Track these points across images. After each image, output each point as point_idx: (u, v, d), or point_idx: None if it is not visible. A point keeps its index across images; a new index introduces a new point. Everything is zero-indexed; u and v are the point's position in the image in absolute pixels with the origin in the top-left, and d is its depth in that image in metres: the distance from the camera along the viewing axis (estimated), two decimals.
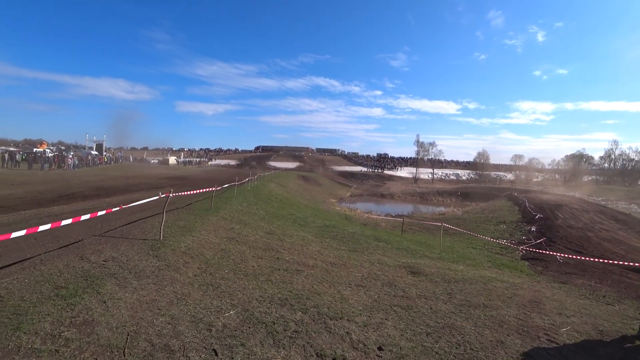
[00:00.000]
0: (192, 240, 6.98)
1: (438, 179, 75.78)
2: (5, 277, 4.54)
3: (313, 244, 9.03)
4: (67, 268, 4.97)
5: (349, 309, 4.97)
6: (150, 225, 8.09)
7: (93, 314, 3.62)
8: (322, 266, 7.01)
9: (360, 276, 6.86)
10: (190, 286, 4.82)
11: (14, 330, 3.20)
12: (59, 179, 22.12)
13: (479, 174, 79.23)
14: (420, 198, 50.06)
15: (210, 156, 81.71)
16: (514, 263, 13.79)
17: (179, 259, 5.81)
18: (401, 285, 6.64)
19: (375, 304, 5.42)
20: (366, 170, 75.63)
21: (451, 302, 6.01)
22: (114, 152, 59.69)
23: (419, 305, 5.62)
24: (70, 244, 6.28)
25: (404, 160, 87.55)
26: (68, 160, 35.03)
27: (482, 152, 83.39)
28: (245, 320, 4.03)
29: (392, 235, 14.76)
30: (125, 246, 6.25)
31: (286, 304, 4.68)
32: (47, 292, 4.10)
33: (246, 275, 5.64)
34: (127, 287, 4.41)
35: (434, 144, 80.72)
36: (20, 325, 3.30)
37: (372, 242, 10.87)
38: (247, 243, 7.84)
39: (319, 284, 5.88)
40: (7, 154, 33.36)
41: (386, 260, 8.68)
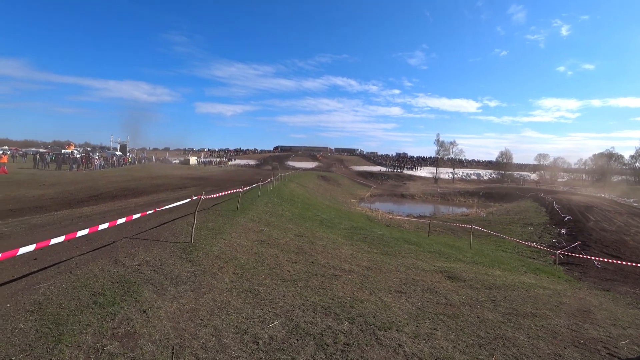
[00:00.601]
0: (224, 244, 6.79)
1: (459, 179, 74.19)
2: (42, 282, 4.44)
3: (344, 246, 8.75)
4: (102, 272, 4.84)
5: (394, 317, 4.67)
6: (180, 227, 7.97)
7: (134, 325, 3.42)
8: (358, 271, 6.72)
9: (398, 281, 6.54)
10: (229, 293, 4.60)
11: (56, 342, 3.03)
12: (86, 179, 22.60)
13: (501, 174, 76.99)
14: (441, 198, 49.08)
15: (230, 156, 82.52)
16: (549, 268, 13.16)
17: (213, 263, 5.62)
18: (442, 291, 6.29)
19: (420, 312, 5.09)
20: (385, 170, 74.69)
21: (497, 310, 5.63)
22: (137, 152, 60.98)
23: (465, 313, 5.27)
24: (103, 246, 6.20)
25: (423, 159, 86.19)
26: (94, 161, 35.88)
27: (505, 151, 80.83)
28: (291, 331, 3.76)
29: (419, 238, 14.32)
30: (158, 249, 6.11)
31: (330, 313, 4.40)
32: (85, 299, 3.95)
33: (284, 281, 5.39)
34: (165, 295, 4.22)
35: (455, 143, 78.81)
36: (61, 337, 3.13)
37: (403, 245, 10.51)
38: (279, 246, 7.61)
39: (358, 290, 5.59)
40: (38, 155, 34.48)
41: (421, 265, 8.32)
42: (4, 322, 3.41)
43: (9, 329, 3.28)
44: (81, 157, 36.35)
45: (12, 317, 3.50)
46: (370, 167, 76.67)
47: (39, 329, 3.28)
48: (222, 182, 25.13)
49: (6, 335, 3.17)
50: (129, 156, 51.12)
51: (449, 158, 78.14)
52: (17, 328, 3.30)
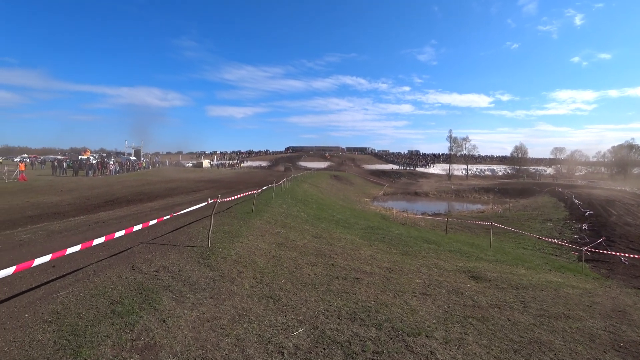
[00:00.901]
0: (242, 247, 6.65)
1: (472, 175, 73.01)
2: (60, 290, 4.35)
3: (363, 247, 8.52)
4: (120, 280, 4.74)
5: (422, 322, 4.44)
6: (196, 231, 7.87)
7: (154, 335, 3.28)
8: (379, 272, 6.49)
9: (421, 283, 6.29)
10: (250, 299, 4.43)
11: (74, 355, 2.91)
12: (102, 184, 22.86)
13: (516, 169, 75.24)
14: (455, 195, 48.27)
15: (242, 158, 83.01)
16: (574, 265, 12.70)
17: (232, 268, 5.47)
18: (468, 292, 6.02)
19: (448, 315, 4.85)
20: (398, 168, 74.02)
21: (528, 312, 5.34)
22: (150, 157, 61.73)
23: (494, 316, 5.00)
24: (120, 252, 6.12)
25: (436, 156, 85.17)
26: (110, 167, 36.39)
27: (520, 145, 78.77)
28: (317, 339, 3.57)
29: (437, 236, 13.99)
30: (175, 254, 6.00)
31: (356, 319, 4.19)
32: (103, 308, 3.83)
33: (304, 286, 5.21)
34: (184, 303, 4.08)
35: (468, 138, 77.34)
36: (80, 349, 3.01)
37: (422, 245, 10.23)
38: (297, 248, 7.43)
39: (382, 293, 5.37)
40: (55, 162, 35.15)
41: (443, 265, 8.05)
42: (22, 333, 3.31)
43: (27, 341, 3.18)
44: (97, 163, 36.89)
45: (30, 327, 3.41)
46: (382, 166, 76.12)
47: (57, 341, 3.17)
48: (235, 185, 25.15)
49: (24, 348, 3.07)
50: (143, 161, 51.75)
51: (462, 154, 76.95)
52: (35, 340, 3.20)
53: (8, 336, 3.26)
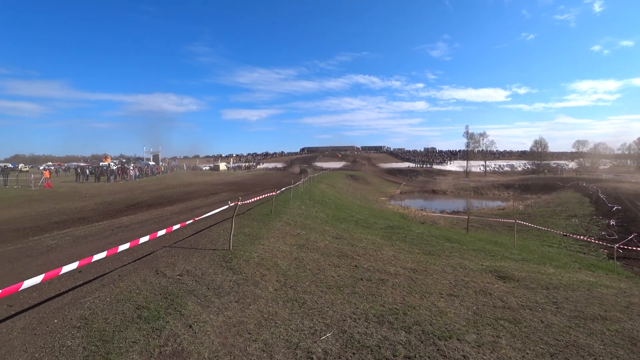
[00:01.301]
0: (263, 250, 6.61)
1: (491, 172, 71.46)
2: (87, 295, 4.39)
3: (385, 247, 8.37)
4: (144, 284, 4.75)
5: (452, 325, 4.27)
6: (216, 234, 7.88)
7: (182, 342, 3.24)
8: (404, 273, 6.33)
9: (448, 284, 6.11)
10: (275, 303, 4.36)
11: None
12: (123, 189, 23.33)
13: (536, 164, 73.11)
14: (474, 192, 47.33)
15: (258, 160, 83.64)
16: (605, 263, 12.20)
17: (255, 271, 5.42)
18: (496, 293, 5.80)
19: (478, 317, 4.66)
20: (414, 166, 73.18)
21: (561, 313, 5.09)
22: (169, 161, 62.86)
23: (526, 317, 4.78)
24: (143, 257, 6.16)
25: (452, 153, 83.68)
26: (130, 172, 37.16)
27: (539, 139, 76.26)
28: (346, 344, 3.47)
29: (459, 235, 13.67)
30: (197, 258, 6.00)
31: (384, 322, 4.07)
32: (130, 314, 3.83)
33: (329, 288, 5.11)
34: (210, 307, 4.05)
35: (485, 134, 75.42)
36: (109, 355, 2.99)
37: (445, 244, 9.99)
38: (319, 250, 7.35)
39: (408, 295, 5.22)
40: (78, 169, 36.19)
41: (468, 264, 7.82)
42: (52, 339, 3.33)
43: (56, 347, 3.18)
44: (117, 168, 37.73)
45: (60, 333, 3.43)
46: (398, 164, 75.38)
47: (86, 347, 3.17)
48: (253, 187, 25.27)
49: (54, 354, 3.08)
50: (161, 165, 52.74)
51: (479, 150, 75.35)
52: (65, 345, 3.20)
53: (39, 342, 3.28)
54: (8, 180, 25.91)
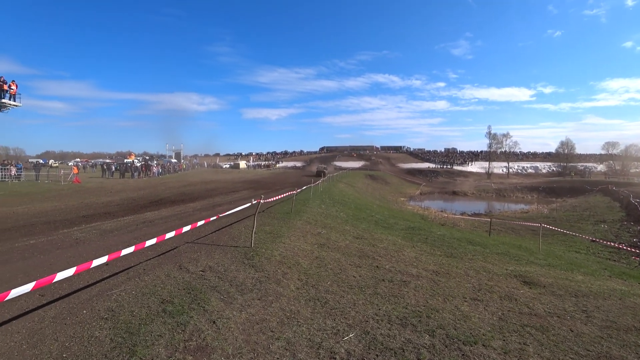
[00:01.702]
0: (285, 248, 6.62)
1: (514, 173, 69.48)
2: (114, 288, 4.49)
3: (406, 248, 8.24)
4: (168, 279, 4.82)
5: (477, 330, 4.15)
6: (238, 231, 7.96)
7: (206, 337, 3.27)
8: (426, 275, 6.21)
9: (471, 287, 5.95)
10: (297, 302, 4.35)
11: (130, 354, 2.94)
12: (147, 186, 23.96)
13: (562, 166, 70.42)
14: (496, 195, 46.20)
15: (277, 159, 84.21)
16: (638, 272, 11.65)
17: (276, 269, 5.43)
18: (522, 299, 5.60)
19: (503, 323, 4.51)
20: (434, 166, 71.99)
21: (592, 322, 4.85)
22: (190, 159, 64.07)
23: (555, 325, 4.59)
24: (167, 252, 6.28)
25: (474, 154, 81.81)
26: (153, 169, 38.18)
27: (566, 141, 73.13)
28: (369, 345, 3.41)
29: (481, 238, 13.35)
30: (219, 254, 6.07)
31: (407, 325, 3.99)
32: (155, 307, 3.89)
33: (351, 288, 5.06)
34: (233, 304, 4.07)
35: (508, 135, 73.26)
36: (135, 348, 3.04)
37: (467, 246, 9.76)
38: (340, 249, 7.30)
39: (431, 297, 5.11)
40: (104, 165, 37.41)
41: (491, 268, 7.60)
42: (81, 329, 3.41)
43: (85, 337, 3.26)
44: (141, 165, 38.75)
45: (88, 324, 3.51)
46: (418, 164, 74.33)
47: (113, 338, 3.23)
48: (272, 185, 25.46)
49: (83, 344, 3.15)
50: (183, 163, 53.82)
51: (502, 151, 73.28)
52: (93, 336, 3.28)
53: (69, 331, 3.37)
54: (40, 175, 26.99)
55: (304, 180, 18.19)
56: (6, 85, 22.30)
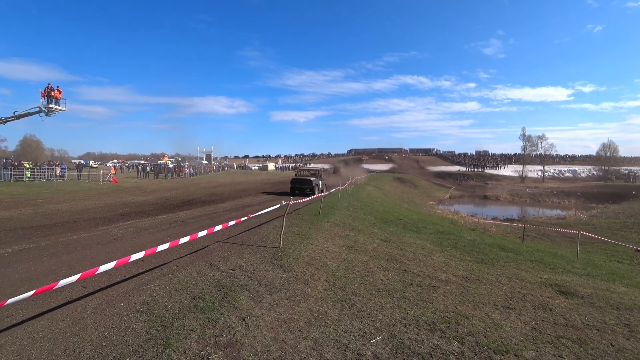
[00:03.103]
0: (312, 249, 6.68)
1: (550, 177, 66.27)
2: (149, 283, 4.69)
3: (435, 253, 8.08)
4: (200, 276, 4.98)
5: (508, 339, 4.00)
6: (266, 231, 8.09)
7: (235, 333, 3.36)
8: (455, 281, 6.07)
9: (502, 295, 5.75)
10: (324, 303, 4.37)
11: (164, 347, 3.06)
12: (179, 186, 24.81)
13: (604, 170, 66.34)
14: (530, 199, 44.29)
15: (305, 161, 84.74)
16: None
17: (304, 270, 5.49)
18: (557, 309, 5.35)
19: (536, 333, 4.32)
20: (464, 169, 69.89)
21: (635, 337, 4.56)
22: (220, 161, 65.75)
23: (593, 339, 4.34)
24: (198, 250, 6.48)
25: (507, 157, 78.85)
26: (185, 170, 39.53)
27: (608, 143, 68.47)
28: (396, 349, 3.38)
29: (514, 244, 12.85)
30: (249, 254, 6.20)
31: (436, 330, 3.91)
32: (187, 303, 4.03)
33: (378, 291, 5.02)
34: (262, 303, 4.15)
35: (544, 136, 69.59)
36: (168, 340, 3.16)
37: (499, 253, 9.43)
38: (367, 252, 7.27)
39: (460, 303, 4.99)
40: (140, 166, 39.10)
41: (524, 276, 7.31)
42: (119, 320, 3.59)
43: (123, 328, 3.43)
44: (174, 166, 40.20)
45: (125, 316, 3.69)
46: (447, 167, 72.45)
47: (148, 331, 3.38)
48: None
49: (121, 334, 3.31)
50: (213, 164, 55.30)
51: (537, 154, 70.04)
52: (130, 328, 3.44)
53: (108, 322, 3.55)
54: (81, 175, 28.61)
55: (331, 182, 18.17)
56: (54, 92, 23.78)
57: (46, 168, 27.31)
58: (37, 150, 55.69)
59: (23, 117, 24.05)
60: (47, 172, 26.43)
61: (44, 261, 5.79)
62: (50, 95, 23.62)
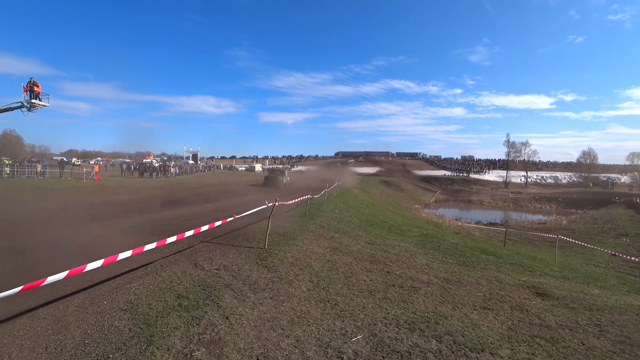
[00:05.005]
0: (297, 250, 6.76)
1: (532, 183, 67.84)
2: (133, 282, 4.70)
3: (418, 255, 8.25)
4: (184, 275, 5.01)
5: (485, 338, 4.15)
6: (252, 232, 8.12)
7: (219, 331, 3.41)
8: (436, 282, 6.23)
9: (482, 296, 5.93)
10: (307, 302, 4.46)
11: (147, 344, 3.10)
12: (165, 186, 24.52)
13: (583, 177, 68.43)
14: (513, 204, 45.31)
15: (292, 163, 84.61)
16: None
17: (289, 270, 5.56)
18: (533, 310, 5.55)
19: (512, 332, 4.49)
20: (450, 174, 70.96)
21: (605, 337, 4.77)
22: (207, 161, 65.10)
23: (565, 338, 4.53)
24: (183, 250, 6.48)
25: (491, 162, 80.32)
26: (171, 169, 38.99)
27: (588, 150, 70.66)
28: (376, 347, 3.49)
29: (495, 248, 13.16)
30: (234, 254, 6.24)
31: (415, 329, 4.04)
32: (171, 301, 4.06)
33: (361, 292, 5.13)
34: (245, 302, 4.21)
35: (527, 143, 71.36)
36: (152, 338, 3.20)
37: (480, 256, 9.68)
38: (352, 254, 7.39)
39: (440, 304, 5.14)
40: (124, 165, 38.45)
41: (504, 278, 7.53)
42: (102, 318, 3.61)
43: (106, 326, 3.45)
44: (159, 165, 39.65)
45: (109, 314, 3.70)
46: (433, 172, 73.38)
47: (131, 328, 3.40)
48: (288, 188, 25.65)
49: (104, 332, 3.33)
50: (200, 164, 54.75)
51: (520, 160, 71.66)
52: (113, 325, 3.46)
53: (90, 320, 3.57)
54: (63, 172, 27.96)
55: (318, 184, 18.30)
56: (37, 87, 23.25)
57: (27, 164, 26.64)
58: (17, 146, 54.30)
59: (4, 112, 23.41)
60: (27, 169, 25.78)
61: (26, 260, 5.71)
62: (32, 90, 23.08)
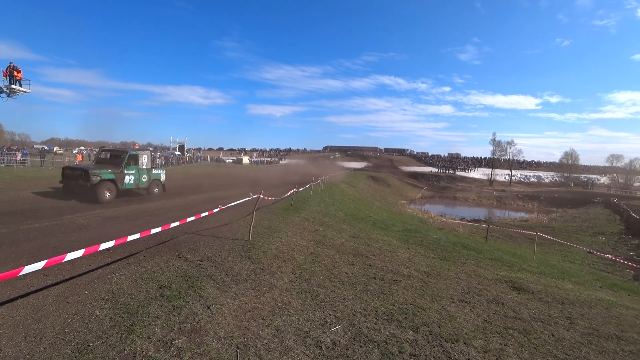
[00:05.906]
0: (281, 242, 6.82)
1: (516, 182, 69.31)
2: (115, 272, 4.69)
3: (401, 250, 8.41)
4: (167, 266, 5.02)
5: (460, 329, 4.31)
6: (237, 224, 8.15)
7: (200, 320, 3.46)
8: (417, 276, 6.38)
9: (460, 290, 6.12)
10: (289, 293, 4.54)
11: (128, 332, 3.13)
12: None
13: (565, 177, 70.30)
14: (497, 202, 46.22)
15: (280, 156, 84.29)
16: (630, 284, 11.76)
17: (272, 262, 5.63)
18: (509, 303, 5.76)
19: (487, 324, 4.67)
20: (437, 171, 71.81)
21: (574, 329, 5.00)
22: (193, 152, 64.32)
23: (537, 330, 4.74)
24: (167, 241, 6.47)
25: (477, 160, 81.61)
26: (156, 161, 38.39)
27: (570, 151, 72.86)
28: (354, 337, 3.59)
29: (477, 243, 13.48)
30: (217, 245, 6.26)
31: (393, 320, 4.16)
32: (153, 291, 4.09)
33: (342, 284, 5.24)
34: (227, 292, 4.26)
35: (512, 142, 72.71)
36: (133, 327, 3.23)
37: (461, 251, 9.91)
38: (335, 247, 7.49)
39: (420, 297, 5.28)
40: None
41: (482, 273, 7.76)
42: (82, 308, 3.61)
43: (86, 315, 3.46)
44: None
45: (90, 304, 3.71)
46: (420, 168, 74.14)
47: (112, 317, 3.42)
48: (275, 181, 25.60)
49: (84, 321, 3.34)
50: (186, 155, 54.08)
51: (505, 159, 73.04)
52: (94, 315, 3.47)
53: (71, 309, 3.56)
54: (44, 161, 27.24)
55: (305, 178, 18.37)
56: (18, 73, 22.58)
57: (6, 152, 25.90)
58: None
59: None
60: (6, 157, 25.08)
61: (3, 249, 5.62)
62: (12, 76, 22.40)
